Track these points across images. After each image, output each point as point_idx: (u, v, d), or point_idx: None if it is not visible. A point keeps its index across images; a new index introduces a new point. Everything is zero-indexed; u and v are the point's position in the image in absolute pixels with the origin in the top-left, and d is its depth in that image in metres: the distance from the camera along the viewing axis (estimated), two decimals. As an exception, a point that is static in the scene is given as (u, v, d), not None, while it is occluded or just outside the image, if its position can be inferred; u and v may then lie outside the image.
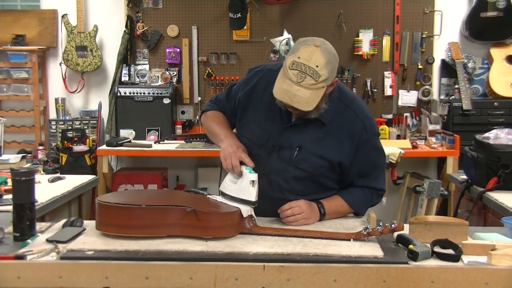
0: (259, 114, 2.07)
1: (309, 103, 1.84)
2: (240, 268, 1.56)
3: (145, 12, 4.80)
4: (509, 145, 2.66)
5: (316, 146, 2.00)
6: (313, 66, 1.82)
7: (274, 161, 2.03)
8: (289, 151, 2.01)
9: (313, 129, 2.00)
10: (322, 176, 2.03)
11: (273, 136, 2.03)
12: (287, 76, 1.84)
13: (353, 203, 2.09)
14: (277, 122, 2.03)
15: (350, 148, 2.01)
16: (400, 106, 4.81)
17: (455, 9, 4.71)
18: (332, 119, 2.00)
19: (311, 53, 1.84)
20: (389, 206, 4.16)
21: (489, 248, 1.63)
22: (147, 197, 2.03)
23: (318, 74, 1.82)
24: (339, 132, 2.00)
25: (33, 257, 1.63)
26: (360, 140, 2.00)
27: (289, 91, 1.83)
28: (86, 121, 4.72)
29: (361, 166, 2.05)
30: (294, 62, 1.83)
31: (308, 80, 1.81)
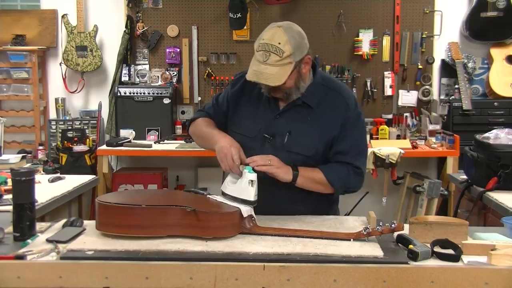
0: (249, 109, 2.15)
1: (276, 79, 1.93)
2: (240, 268, 1.56)
3: (145, 12, 4.80)
4: (509, 145, 2.66)
5: (305, 129, 2.07)
6: (276, 43, 1.93)
7: (267, 151, 2.06)
8: (281, 138, 2.08)
9: (301, 113, 2.09)
10: (315, 158, 2.08)
11: (264, 126, 2.10)
12: (255, 58, 1.96)
13: (328, 173, 2.07)
14: (267, 113, 2.11)
15: (338, 127, 2.07)
16: (400, 106, 4.81)
17: (455, 9, 4.71)
18: (319, 102, 2.09)
19: (273, 33, 1.96)
20: (389, 206, 4.17)
21: (489, 248, 1.63)
22: (147, 197, 2.03)
23: (282, 50, 1.92)
24: (326, 113, 2.08)
25: (33, 257, 1.63)
26: (344, 118, 2.08)
27: (256, 70, 1.94)
28: (86, 121, 4.73)
29: (343, 144, 2.09)
30: (260, 44, 1.97)
31: (272, 57, 1.92)
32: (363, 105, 4.80)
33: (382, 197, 4.03)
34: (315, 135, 2.07)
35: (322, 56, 4.76)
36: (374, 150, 3.81)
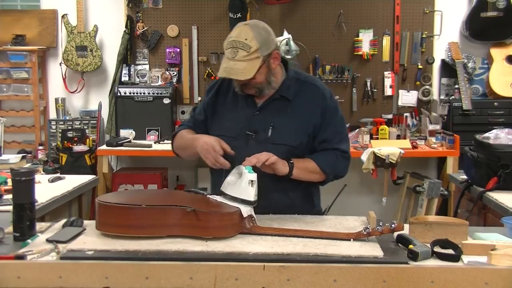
0: (227, 110, 2.21)
1: (245, 73, 2.01)
2: (240, 268, 1.56)
3: (145, 12, 4.80)
4: (509, 145, 2.66)
5: (287, 120, 2.14)
6: (243, 40, 2.01)
7: (252, 147, 2.11)
8: (264, 133, 2.13)
9: (280, 107, 2.16)
10: (300, 148, 2.13)
11: (245, 124, 2.15)
12: (225, 56, 2.05)
13: (319, 161, 2.14)
14: (246, 111, 2.17)
15: (318, 116, 2.15)
16: (400, 106, 4.81)
17: (455, 9, 4.71)
18: (296, 95, 2.17)
19: (240, 30, 2.04)
20: (389, 206, 4.17)
21: (489, 248, 1.63)
22: (147, 197, 2.03)
23: (249, 45, 2.00)
24: (304, 104, 2.16)
25: (33, 257, 1.63)
26: (323, 107, 2.16)
27: (226, 67, 2.02)
28: (86, 121, 4.72)
29: (326, 132, 2.17)
30: (228, 42, 2.04)
31: (240, 53, 2.00)
32: (363, 105, 4.80)
33: (382, 197, 4.03)
34: (297, 126, 2.14)
35: (322, 56, 4.76)
36: (374, 150, 3.80)
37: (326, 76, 4.75)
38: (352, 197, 4.88)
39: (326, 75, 4.75)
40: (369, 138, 4.41)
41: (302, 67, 4.78)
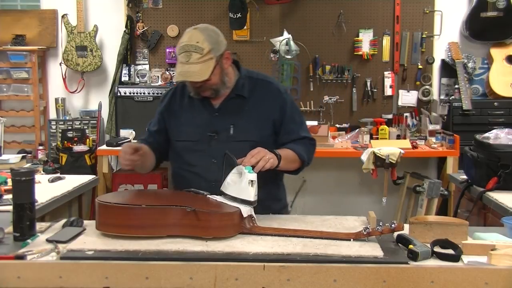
0: (185, 116, 2.26)
1: (201, 75, 2.06)
2: (240, 268, 1.56)
3: (145, 12, 4.80)
4: (509, 145, 2.66)
5: (247, 117, 2.21)
6: (194, 43, 2.06)
7: (215, 148, 2.17)
8: (225, 132, 2.19)
9: (237, 105, 2.22)
10: (262, 142, 2.14)
11: (205, 127, 2.20)
12: (178, 61, 2.09)
13: (297, 150, 2.21)
14: (204, 114, 2.23)
15: (277, 110, 2.23)
16: (400, 106, 4.81)
17: (455, 9, 4.71)
18: (251, 92, 2.23)
19: (190, 35, 2.10)
20: (389, 206, 4.17)
21: (489, 248, 1.63)
22: (147, 197, 2.04)
23: (201, 48, 2.06)
24: (261, 100, 2.23)
25: (33, 257, 1.63)
26: (280, 101, 2.24)
27: (182, 71, 2.07)
28: (86, 121, 4.72)
29: (290, 124, 2.25)
30: (180, 47, 2.09)
31: (194, 56, 2.05)
32: (363, 105, 4.80)
33: (382, 197, 4.03)
34: (257, 121, 2.21)
35: (322, 56, 4.76)
36: (374, 150, 3.80)
37: (326, 76, 4.75)
38: (352, 197, 4.90)
39: (326, 75, 4.75)
40: (369, 138, 4.41)
41: (302, 67, 4.79)
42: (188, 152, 2.22)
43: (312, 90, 4.80)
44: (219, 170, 2.11)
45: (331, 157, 4.53)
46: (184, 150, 2.23)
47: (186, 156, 2.23)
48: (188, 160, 2.22)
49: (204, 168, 2.18)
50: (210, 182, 2.13)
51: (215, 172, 2.12)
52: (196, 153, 2.19)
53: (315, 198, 4.93)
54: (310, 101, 4.81)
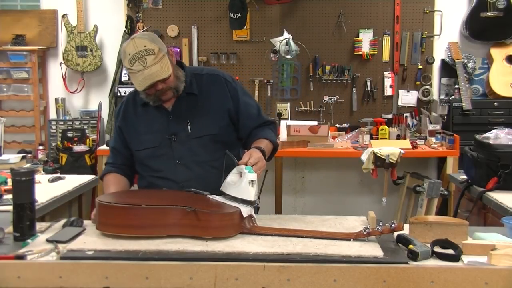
0: (141, 125, 2.27)
1: (164, 71, 2.08)
2: (240, 268, 1.56)
3: (145, 12, 4.80)
4: (509, 145, 2.66)
5: (202, 113, 2.23)
6: (142, 48, 2.07)
7: (177, 148, 2.20)
8: (184, 131, 2.20)
9: (190, 103, 2.24)
10: (221, 134, 2.22)
11: (163, 131, 2.22)
12: (135, 71, 2.07)
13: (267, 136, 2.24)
14: (160, 119, 2.24)
15: (228, 99, 2.25)
16: (400, 106, 4.81)
17: (455, 9, 4.71)
18: (200, 88, 2.26)
19: (133, 44, 2.09)
20: (389, 206, 4.17)
21: (489, 248, 1.63)
22: (147, 197, 2.04)
23: (151, 49, 2.07)
24: (211, 93, 2.26)
25: (33, 257, 1.63)
26: (230, 91, 2.27)
27: (144, 77, 2.06)
28: (86, 121, 4.72)
29: (245, 110, 2.28)
30: (130, 59, 2.07)
31: (149, 59, 2.06)
32: (363, 105, 4.80)
33: (382, 197, 4.03)
34: (212, 114, 2.23)
35: (322, 56, 4.76)
36: (374, 150, 3.81)
37: (326, 76, 4.75)
38: (352, 197, 4.90)
39: (326, 75, 4.75)
40: (369, 138, 4.41)
41: (302, 67, 4.79)
42: (152, 159, 2.23)
43: (312, 90, 4.80)
44: (185, 170, 2.17)
45: (331, 157, 4.53)
46: (147, 157, 2.24)
47: (150, 163, 2.24)
48: (153, 166, 2.24)
49: (170, 171, 2.20)
50: (178, 183, 2.17)
51: (182, 173, 2.18)
52: (159, 158, 2.21)
53: (315, 198, 4.94)
54: (310, 101, 4.81)
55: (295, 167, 4.92)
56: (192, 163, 2.19)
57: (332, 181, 4.92)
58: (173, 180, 2.19)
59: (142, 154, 2.26)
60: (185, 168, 2.18)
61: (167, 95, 2.18)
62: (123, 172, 2.33)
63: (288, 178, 4.85)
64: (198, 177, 2.17)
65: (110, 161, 2.37)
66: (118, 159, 2.34)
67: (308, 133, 4.34)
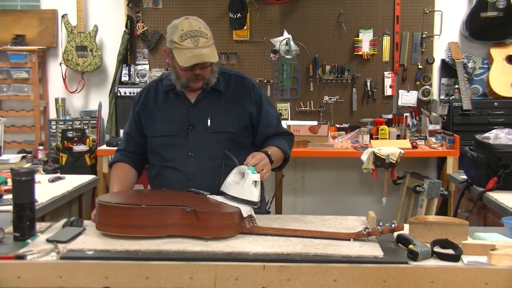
0: (160, 113, 2.26)
1: (213, 57, 2.11)
2: (240, 268, 1.56)
3: (145, 12, 4.80)
4: (509, 145, 2.66)
5: (223, 110, 2.23)
6: (197, 29, 2.09)
7: (192, 140, 2.19)
8: (202, 124, 2.20)
9: (214, 98, 2.24)
10: (239, 134, 2.22)
11: (182, 121, 2.21)
12: (184, 48, 2.07)
13: (283, 146, 2.24)
14: (180, 109, 2.23)
15: (253, 104, 2.26)
16: (400, 106, 4.81)
17: (455, 9, 4.71)
18: (226, 86, 2.26)
19: (188, 22, 2.10)
20: (389, 206, 4.17)
21: (489, 248, 1.63)
22: (147, 197, 2.04)
23: (205, 33, 2.10)
24: (236, 93, 2.26)
25: (33, 257, 1.63)
26: (255, 95, 2.28)
27: (194, 55, 2.07)
28: (86, 121, 4.72)
29: (265, 117, 2.29)
30: (182, 35, 2.08)
31: (201, 40, 2.08)
32: (363, 105, 4.81)
33: (382, 197, 4.03)
34: (233, 113, 2.23)
35: (322, 56, 4.76)
36: (374, 150, 3.81)
37: (326, 76, 4.75)
38: (352, 197, 4.90)
39: (326, 75, 4.75)
40: (369, 138, 4.41)
41: (302, 67, 4.79)
42: (165, 148, 2.22)
43: (312, 90, 4.80)
44: (196, 164, 2.15)
45: (331, 157, 4.53)
46: (161, 145, 2.23)
47: (163, 151, 2.23)
48: (165, 155, 2.22)
49: (182, 162, 2.18)
50: (187, 175, 2.16)
51: (193, 165, 2.17)
52: (173, 147, 2.20)
53: (315, 198, 4.94)
54: (310, 101, 4.81)
55: (295, 167, 4.92)
56: (205, 157, 2.17)
57: (332, 181, 4.92)
58: (183, 171, 2.17)
59: (156, 141, 2.24)
60: (196, 161, 2.16)
61: (198, 83, 2.18)
62: (133, 162, 2.32)
63: (288, 178, 4.85)
64: (208, 171, 2.16)
65: (122, 147, 2.36)
66: (130, 146, 2.33)
67: (308, 133, 4.34)
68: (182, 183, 2.14)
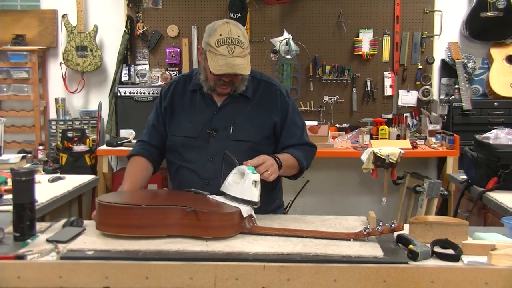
0: (185, 112, 2.24)
1: (245, 69, 2.08)
2: (240, 268, 1.56)
3: (145, 12, 4.80)
4: (509, 145, 2.66)
5: (248, 117, 2.20)
6: (236, 36, 2.05)
7: (214, 145, 2.17)
8: (225, 130, 2.18)
9: (240, 105, 2.21)
10: (261, 144, 2.19)
11: (205, 124, 2.19)
12: (218, 54, 2.04)
13: (298, 155, 2.21)
14: (205, 111, 2.21)
15: (279, 113, 2.22)
16: (400, 106, 4.81)
17: (455, 9, 4.71)
18: (254, 93, 2.23)
19: (228, 28, 2.06)
20: (389, 206, 4.17)
21: (489, 248, 1.63)
22: (147, 197, 2.04)
23: (242, 42, 2.06)
24: (263, 102, 2.23)
25: (33, 257, 1.63)
26: (282, 104, 2.24)
27: (227, 63, 2.04)
28: (86, 121, 4.72)
29: (289, 127, 2.25)
30: (219, 40, 2.05)
31: (237, 49, 2.04)
32: (363, 105, 4.81)
33: (382, 197, 4.03)
34: (258, 122, 2.20)
35: (322, 56, 4.76)
36: (374, 150, 3.81)
37: (326, 76, 4.76)
38: (352, 197, 4.90)
39: (326, 75, 4.76)
40: (369, 138, 4.42)
41: (302, 67, 4.79)
42: (186, 148, 2.20)
43: (312, 90, 4.80)
44: (214, 168, 2.12)
45: (331, 157, 4.53)
46: (182, 145, 2.21)
47: (183, 151, 2.21)
48: (185, 156, 2.21)
49: (200, 165, 2.17)
50: (204, 179, 2.15)
51: (211, 170, 2.14)
52: (193, 149, 2.18)
53: (315, 198, 4.94)
54: (310, 101, 4.81)
55: (295, 167, 4.91)
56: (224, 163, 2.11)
57: (332, 181, 4.92)
58: (199, 175, 2.16)
59: (177, 141, 2.22)
60: (215, 166, 2.13)
61: (226, 89, 2.17)
62: (152, 157, 2.29)
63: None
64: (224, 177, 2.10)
65: (145, 139, 2.32)
66: (153, 138, 2.30)
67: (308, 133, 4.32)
68: (198, 186, 2.11)
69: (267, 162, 2.01)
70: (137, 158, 2.29)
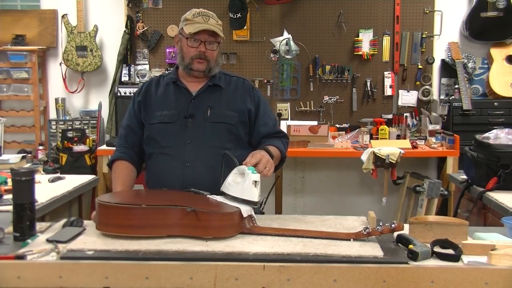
0: (160, 103, 2.29)
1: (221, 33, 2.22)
2: (240, 268, 1.56)
3: (145, 12, 4.80)
4: (509, 145, 2.66)
5: (224, 103, 2.27)
6: (210, 14, 2.25)
7: (191, 129, 2.22)
8: (202, 115, 2.24)
9: (214, 93, 2.29)
10: (237, 127, 2.26)
11: (181, 110, 2.25)
12: (194, 22, 2.22)
13: (276, 144, 2.27)
14: (181, 100, 2.27)
15: (252, 103, 2.32)
16: (400, 106, 4.81)
17: (455, 9, 4.72)
18: (227, 84, 2.33)
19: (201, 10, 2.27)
20: (389, 206, 4.17)
21: (489, 248, 1.63)
22: (147, 197, 2.04)
23: (216, 19, 2.25)
24: (236, 91, 2.33)
25: (33, 257, 1.63)
26: (254, 96, 2.34)
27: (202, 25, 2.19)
28: (86, 121, 4.73)
29: (262, 117, 2.33)
30: (195, 13, 2.25)
31: (211, 20, 2.22)
32: (363, 105, 4.81)
33: (382, 197, 4.03)
34: (233, 106, 2.27)
35: (322, 56, 4.76)
36: (374, 150, 3.81)
37: (326, 76, 4.76)
38: (352, 197, 4.90)
39: (326, 75, 4.76)
40: (369, 138, 4.41)
41: (302, 67, 4.79)
42: (162, 134, 2.23)
43: (312, 90, 4.80)
44: (194, 151, 2.17)
45: (331, 157, 4.54)
46: (158, 132, 2.24)
47: (160, 138, 2.23)
48: (162, 142, 2.23)
49: (178, 149, 2.19)
50: (184, 162, 2.17)
51: (190, 152, 2.18)
52: (170, 135, 2.22)
53: (315, 198, 4.94)
54: (310, 101, 4.81)
55: (295, 167, 4.92)
56: (202, 145, 2.19)
57: (332, 181, 4.92)
58: (179, 158, 2.18)
59: (154, 128, 2.25)
60: (193, 149, 2.18)
61: (201, 65, 2.23)
62: (132, 159, 2.32)
63: (288, 178, 4.85)
64: (204, 158, 2.17)
65: (121, 142, 2.36)
66: (129, 139, 2.33)
67: (308, 133, 4.34)
68: (178, 170, 2.15)
69: (263, 159, 2.02)
70: (119, 162, 2.32)
